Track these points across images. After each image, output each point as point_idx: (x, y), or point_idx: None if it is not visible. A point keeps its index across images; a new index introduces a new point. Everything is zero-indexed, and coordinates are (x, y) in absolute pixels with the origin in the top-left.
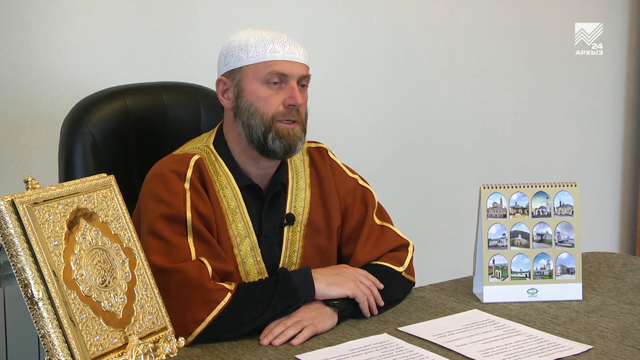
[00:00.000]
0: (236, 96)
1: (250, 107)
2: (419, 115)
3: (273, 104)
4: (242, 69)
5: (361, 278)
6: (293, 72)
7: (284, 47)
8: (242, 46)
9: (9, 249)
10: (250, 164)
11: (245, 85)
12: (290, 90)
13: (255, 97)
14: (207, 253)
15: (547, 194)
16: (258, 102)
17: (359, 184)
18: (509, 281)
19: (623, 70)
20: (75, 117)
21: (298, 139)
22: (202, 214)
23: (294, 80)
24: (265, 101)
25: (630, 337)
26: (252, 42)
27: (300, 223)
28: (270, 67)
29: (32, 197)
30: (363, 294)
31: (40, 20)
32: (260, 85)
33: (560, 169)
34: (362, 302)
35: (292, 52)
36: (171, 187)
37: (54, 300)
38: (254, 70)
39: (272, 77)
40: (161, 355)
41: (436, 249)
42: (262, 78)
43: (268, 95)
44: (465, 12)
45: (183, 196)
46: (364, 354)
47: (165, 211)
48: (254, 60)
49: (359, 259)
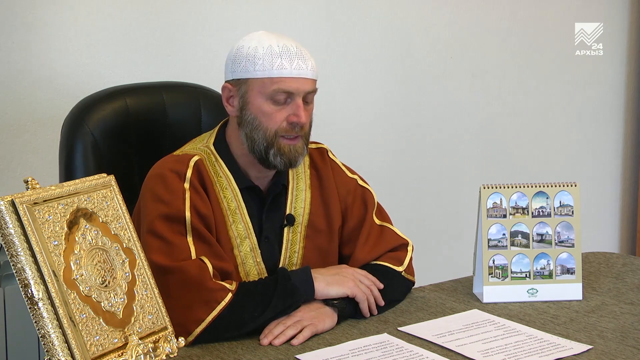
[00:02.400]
0: (241, 107)
1: (254, 120)
2: (419, 115)
3: (277, 120)
4: (248, 80)
5: (361, 278)
6: (299, 90)
7: (291, 63)
8: (249, 56)
9: (9, 249)
10: (251, 168)
11: (251, 99)
12: (295, 107)
13: (259, 111)
14: (207, 252)
15: (547, 194)
16: (262, 117)
17: (359, 184)
18: (509, 281)
19: (623, 70)
20: (75, 117)
21: (299, 155)
22: (201, 213)
23: (300, 98)
24: (269, 117)
25: (630, 337)
26: (260, 54)
27: (301, 224)
28: (276, 84)
29: (32, 197)
30: (363, 294)
31: (40, 20)
32: (265, 101)
33: (560, 169)
34: (362, 302)
35: (299, 68)
36: (171, 187)
37: (54, 300)
38: (260, 85)
39: (277, 95)
40: (161, 355)
41: (436, 249)
42: (267, 94)
43: (272, 111)
44: (465, 12)
45: (182, 196)
46: (364, 354)
47: (165, 211)
48: (261, 74)
49: (359, 258)
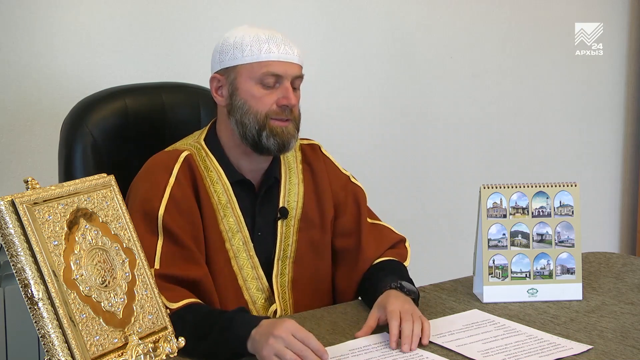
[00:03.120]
0: (230, 94)
1: (244, 105)
2: (419, 115)
3: (267, 103)
4: (236, 67)
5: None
6: (287, 73)
7: (278, 48)
8: (237, 45)
9: (9, 249)
10: (243, 160)
11: (240, 84)
12: (284, 90)
13: (249, 95)
14: (175, 255)
15: (547, 194)
16: (252, 100)
17: (351, 181)
18: (509, 281)
19: (623, 70)
20: (75, 117)
21: (292, 137)
22: (182, 209)
23: (288, 81)
24: (259, 100)
25: (630, 337)
26: (248, 41)
27: (294, 217)
28: (264, 67)
29: (32, 197)
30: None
31: (40, 20)
32: (254, 85)
33: (560, 169)
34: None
35: (286, 53)
36: (154, 183)
37: (54, 300)
38: (248, 70)
39: (266, 78)
40: (161, 355)
41: (436, 249)
42: (256, 78)
43: (262, 95)
44: (466, 12)
45: (162, 193)
46: (364, 354)
47: (142, 207)
48: (249, 59)
49: (369, 256)
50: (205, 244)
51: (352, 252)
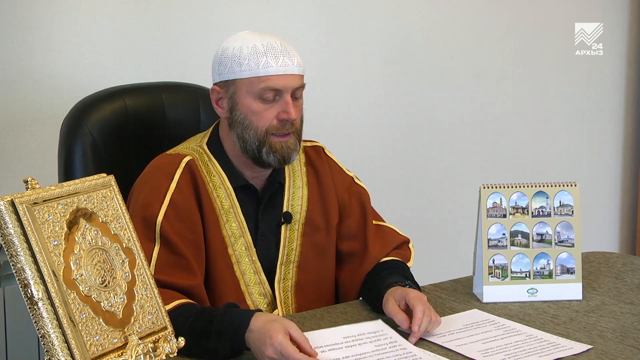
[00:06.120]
0: (230, 108)
1: (244, 120)
2: (419, 115)
3: (267, 118)
4: (235, 81)
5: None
6: (287, 86)
7: (277, 60)
8: (235, 57)
9: (9, 249)
10: (246, 168)
11: (239, 99)
12: (283, 104)
13: (249, 111)
14: (170, 263)
15: (547, 193)
16: (252, 116)
17: (355, 182)
18: (509, 281)
19: (623, 70)
20: (75, 117)
21: (292, 150)
22: (182, 216)
23: (288, 94)
24: (259, 115)
25: (630, 337)
26: (245, 54)
27: (298, 221)
28: (263, 82)
29: (31, 197)
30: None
31: (40, 20)
32: (253, 100)
33: (560, 169)
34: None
35: (285, 65)
36: (154, 188)
37: (53, 300)
38: (247, 85)
39: (265, 93)
40: (161, 355)
41: (436, 249)
42: (255, 93)
43: (262, 110)
44: (466, 12)
45: (162, 199)
46: (358, 346)
47: (141, 213)
48: (247, 74)
49: (375, 255)
50: (207, 249)
51: (358, 255)
